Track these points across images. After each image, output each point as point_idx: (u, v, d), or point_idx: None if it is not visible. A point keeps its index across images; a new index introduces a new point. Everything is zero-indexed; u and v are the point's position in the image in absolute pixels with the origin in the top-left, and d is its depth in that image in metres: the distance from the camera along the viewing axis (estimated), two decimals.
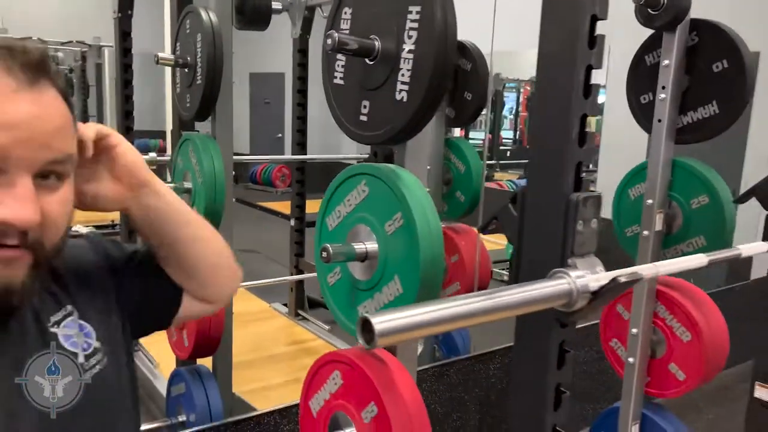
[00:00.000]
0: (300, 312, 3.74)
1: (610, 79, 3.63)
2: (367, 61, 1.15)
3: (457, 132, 3.29)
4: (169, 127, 7.34)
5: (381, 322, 0.68)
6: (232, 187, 2.10)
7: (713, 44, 1.69)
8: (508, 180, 8.96)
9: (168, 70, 2.09)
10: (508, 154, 12.69)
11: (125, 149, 0.81)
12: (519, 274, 0.96)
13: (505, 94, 12.21)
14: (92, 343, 0.78)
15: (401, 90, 1.10)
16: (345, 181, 1.25)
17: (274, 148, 9.49)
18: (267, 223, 7.00)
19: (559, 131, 0.91)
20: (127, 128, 2.93)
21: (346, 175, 1.24)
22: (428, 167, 2.60)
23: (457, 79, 2.51)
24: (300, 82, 3.58)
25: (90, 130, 0.76)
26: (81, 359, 0.76)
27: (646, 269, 0.92)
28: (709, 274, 3.55)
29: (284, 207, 5.51)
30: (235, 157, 2.29)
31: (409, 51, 1.07)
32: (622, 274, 0.88)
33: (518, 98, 12.92)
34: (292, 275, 3.71)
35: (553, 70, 0.92)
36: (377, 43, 1.12)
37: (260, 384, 2.59)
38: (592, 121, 0.93)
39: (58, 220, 0.68)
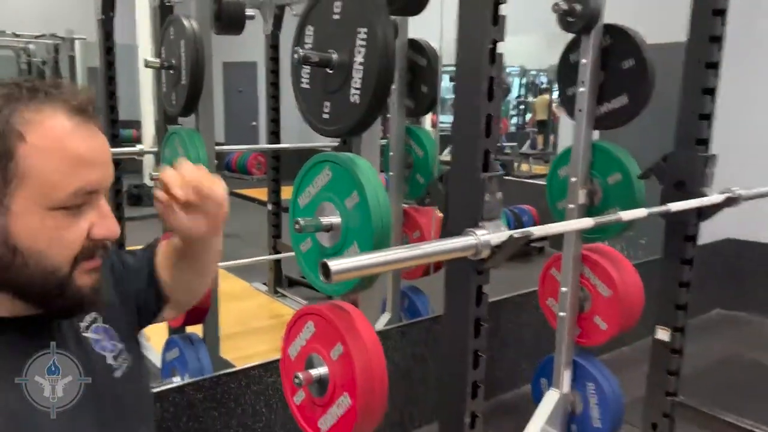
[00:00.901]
0: (279, 289, 4.02)
1: None
2: (327, 70, 1.43)
3: (428, 119, 3.55)
4: (144, 117, 7.48)
5: (335, 264, 0.97)
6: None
7: (622, 45, 2.00)
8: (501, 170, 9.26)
9: (141, 63, 2.32)
10: None
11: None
12: (443, 233, 1.25)
13: None
14: (117, 344, 0.84)
15: (354, 93, 1.38)
16: (313, 167, 1.53)
17: (248, 136, 9.64)
18: (244, 209, 7.21)
19: (471, 127, 1.21)
20: (111, 121, 3.15)
21: (314, 162, 1.52)
22: (391, 153, 2.90)
23: (414, 74, 2.80)
24: (273, 75, 3.84)
25: (206, 180, 0.80)
26: (110, 361, 0.82)
27: (537, 230, 1.23)
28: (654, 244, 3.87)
29: (260, 194, 5.75)
30: (217, 148, 2.55)
31: (360, 63, 1.36)
32: (516, 233, 1.19)
33: None
34: (270, 255, 3.98)
35: (465, 81, 1.22)
36: (334, 56, 1.40)
37: (245, 352, 2.86)
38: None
39: None
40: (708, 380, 3.14)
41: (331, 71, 1.42)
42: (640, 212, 1.50)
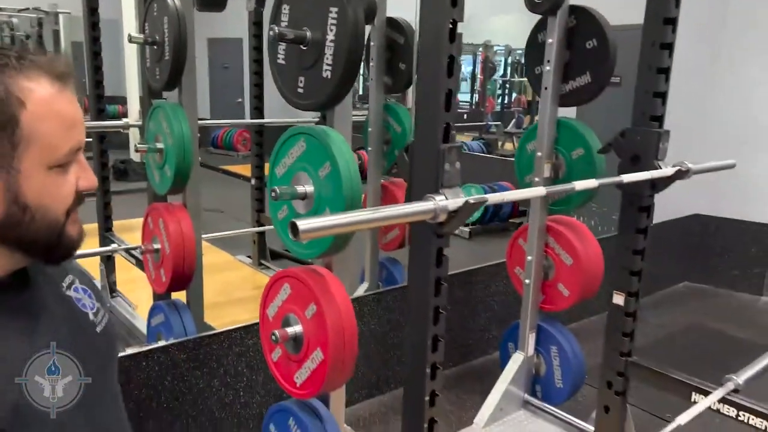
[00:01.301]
0: (263, 262, 4.13)
1: None
2: (301, 47, 1.52)
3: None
4: (129, 93, 7.47)
5: (303, 223, 1.08)
6: (198, 148, 2.46)
7: (586, 26, 2.10)
8: (460, 141, 9.34)
9: (125, 38, 2.39)
10: (465, 116, 13.12)
11: None
12: (407, 200, 1.36)
13: (461, 57, 12.58)
14: (94, 303, 0.90)
15: (326, 69, 1.48)
16: (288, 139, 1.63)
17: (234, 113, 9.65)
18: (230, 185, 7.28)
19: (432, 102, 1.31)
20: (98, 96, 3.21)
21: (289, 134, 1.62)
22: (370, 129, 2.99)
23: (393, 52, 2.89)
24: (256, 52, 3.89)
25: None
26: (91, 318, 0.87)
27: (492, 197, 1.34)
28: None
29: (246, 170, 5.81)
30: (199, 122, 2.63)
31: (331, 40, 1.45)
32: (472, 198, 1.30)
33: (475, 62, 13.27)
34: (254, 228, 4.08)
35: (426, 59, 1.32)
36: (308, 34, 1.49)
37: (229, 319, 2.97)
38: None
39: None
40: (671, 347, 3.31)
41: (305, 48, 1.51)
42: (591, 182, 1.62)
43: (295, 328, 1.65)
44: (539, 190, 1.51)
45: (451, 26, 1.29)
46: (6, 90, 0.68)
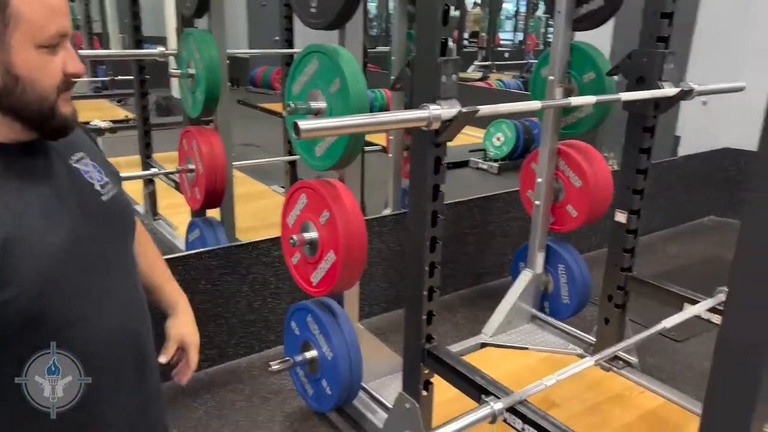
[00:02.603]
0: None
1: None
2: None
3: None
4: (168, 32, 7.63)
5: (304, 123, 1.22)
6: (227, 75, 2.60)
7: None
8: (497, 80, 9.28)
9: None
10: (506, 55, 12.83)
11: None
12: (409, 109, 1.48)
13: None
14: (103, 177, 0.96)
15: None
16: (303, 58, 1.75)
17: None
18: (267, 122, 7.43)
19: (430, 17, 1.41)
20: (135, 27, 3.35)
21: (304, 52, 1.75)
22: (393, 57, 3.07)
23: None
24: None
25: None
26: (98, 187, 0.94)
27: (484, 108, 1.45)
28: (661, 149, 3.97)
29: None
30: (228, 51, 2.76)
31: None
32: (465, 108, 1.41)
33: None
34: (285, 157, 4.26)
35: None
36: None
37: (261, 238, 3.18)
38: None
39: None
40: (682, 276, 3.38)
41: None
42: (588, 99, 1.70)
43: (311, 234, 1.82)
44: (534, 104, 1.61)
45: None
46: None
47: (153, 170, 3.36)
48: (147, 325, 1.01)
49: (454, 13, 1.48)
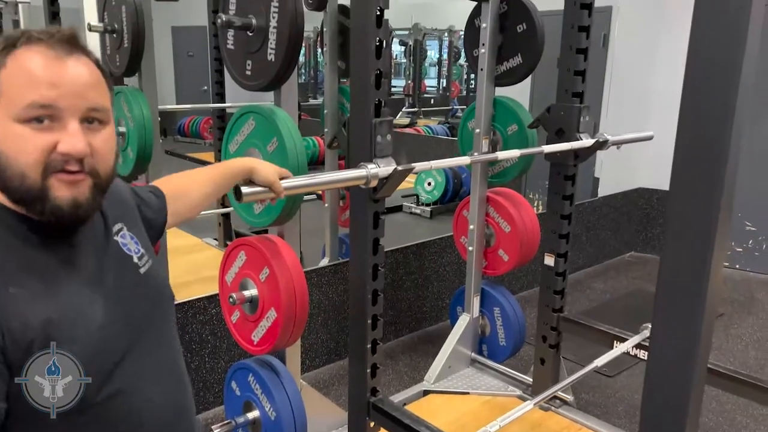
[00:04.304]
0: (228, 243, 4.26)
1: None
2: (248, 33, 1.67)
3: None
4: None
5: (245, 188, 1.24)
6: (159, 131, 2.58)
7: (516, 11, 2.28)
8: (425, 126, 9.57)
9: (85, 27, 2.49)
10: (432, 101, 13.27)
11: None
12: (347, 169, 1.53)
13: (427, 42, 12.70)
14: (140, 249, 0.96)
15: (270, 53, 1.63)
16: (240, 117, 1.78)
17: (200, 101, 9.62)
18: None
19: (364, 81, 1.48)
20: None
21: (240, 112, 1.77)
22: (326, 111, 3.15)
23: (345, 37, 3.04)
24: (216, 39, 3.99)
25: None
26: (136, 260, 0.94)
27: (419, 165, 1.52)
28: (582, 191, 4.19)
29: (212, 158, 5.92)
30: (160, 107, 2.75)
31: (274, 27, 1.60)
32: (400, 167, 1.48)
33: (441, 47, 13.41)
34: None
35: (358, 43, 1.48)
36: (254, 21, 1.64)
37: (194, 297, 3.11)
38: None
39: (105, 153, 0.84)
40: (611, 310, 3.56)
41: (251, 34, 1.66)
42: (513, 153, 1.81)
43: (251, 291, 1.81)
44: (464, 159, 1.70)
45: (378, 12, 1.45)
46: (4, 58, 0.78)
47: None
48: (189, 398, 1.00)
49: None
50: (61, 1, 3.25)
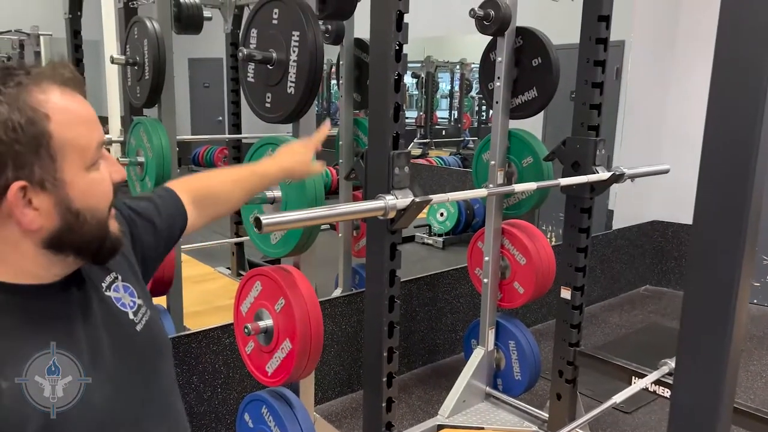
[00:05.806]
0: (241, 272, 4.26)
1: None
2: (268, 66, 1.70)
3: None
4: (110, 112, 7.61)
5: (266, 218, 1.25)
6: (177, 161, 2.62)
7: (531, 45, 2.31)
8: (437, 156, 9.63)
9: (106, 59, 2.55)
10: (443, 132, 13.37)
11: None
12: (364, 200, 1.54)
13: (439, 75, 12.86)
14: (136, 300, 0.90)
15: (290, 86, 1.66)
16: (258, 149, 1.80)
17: (215, 131, 9.77)
18: None
19: (383, 114, 1.50)
20: None
21: (258, 144, 1.79)
22: (341, 142, 3.18)
23: (361, 70, 3.08)
24: (233, 71, 4.07)
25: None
26: (131, 317, 0.88)
27: (437, 197, 1.52)
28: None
29: None
30: (178, 137, 2.79)
31: (294, 60, 1.63)
32: (418, 198, 1.48)
33: (452, 79, 13.58)
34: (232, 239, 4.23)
35: (377, 77, 1.51)
36: (274, 55, 1.67)
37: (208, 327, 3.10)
38: None
39: None
40: (626, 344, 3.51)
41: (271, 67, 1.69)
42: (530, 185, 1.81)
43: (266, 322, 1.81)
44: (480, 192, 1.70)
45: (397, 48, 1.48)
46: (31, 107, 0.71)
47: None
48: None
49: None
50: (83, 33, 3.34)
